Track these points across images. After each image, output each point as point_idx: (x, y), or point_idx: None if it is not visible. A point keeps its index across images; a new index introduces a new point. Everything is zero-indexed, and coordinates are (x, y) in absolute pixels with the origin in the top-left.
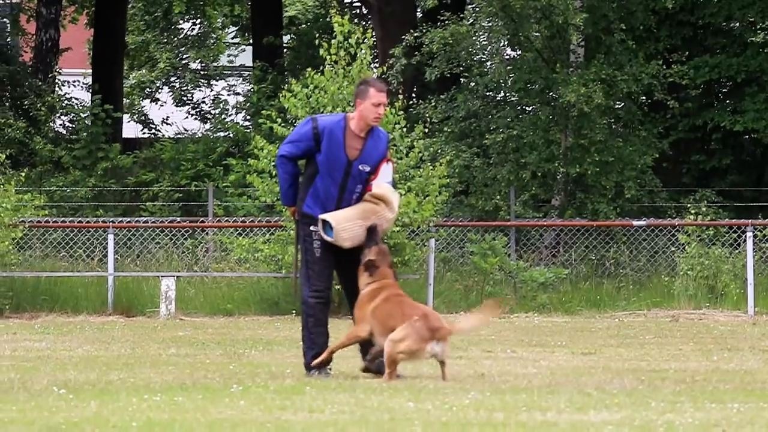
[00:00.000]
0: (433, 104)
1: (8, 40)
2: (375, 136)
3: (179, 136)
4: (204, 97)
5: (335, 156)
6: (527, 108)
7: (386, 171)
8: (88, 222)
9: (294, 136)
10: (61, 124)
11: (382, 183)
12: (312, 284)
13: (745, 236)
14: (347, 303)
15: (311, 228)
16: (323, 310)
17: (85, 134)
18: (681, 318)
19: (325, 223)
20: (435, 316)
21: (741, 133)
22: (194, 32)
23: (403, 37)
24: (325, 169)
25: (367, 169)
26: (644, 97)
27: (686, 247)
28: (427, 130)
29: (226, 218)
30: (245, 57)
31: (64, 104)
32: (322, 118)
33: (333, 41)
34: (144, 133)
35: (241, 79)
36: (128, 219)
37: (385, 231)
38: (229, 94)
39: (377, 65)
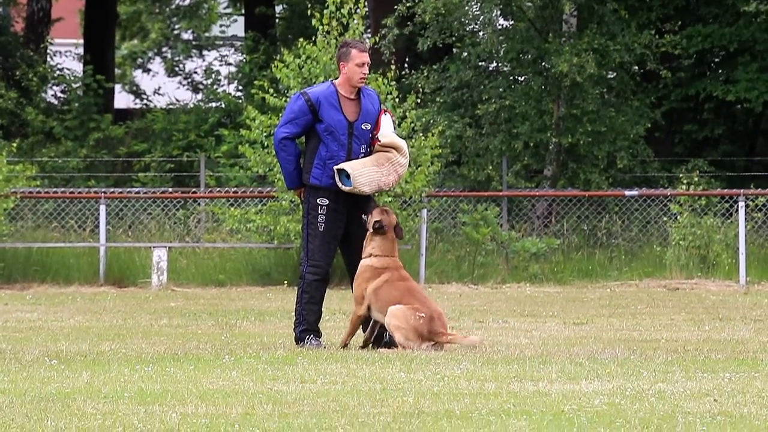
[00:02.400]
0: (426, 74)
1: None
2: (366, 94)
3: (171, 106)
4: (196, 68)
5: (336, 120)
6: (519, 78)
7: (386, 121)
8: (79, 192)
9: (290, 115)
10: (52, 95)
11: (387, 132)
12: (311, 259)
13: (737, 206)
14: (350, 279)
15: (318, 201)
16: (319, 288)
17: (76, 105)
18: (677, 288)
19: (341, 172)
20: (441, 322)
21: (733, 102)
22: (186, 2)
23: (396, 7)
24: (328, 135)
25: (369, 126)
26: (636, 67)
27: (678, 216)
28: (419, 101)
29: (218, 189)
30: (237, 27)
31: (55, 74)
32: (311, 89)
33: (325, 11)
34: (136, 104)
35: (233, 49)
36: (120, 189)
37: (401, 176)
38: (221, 65)
39: (369, 35)
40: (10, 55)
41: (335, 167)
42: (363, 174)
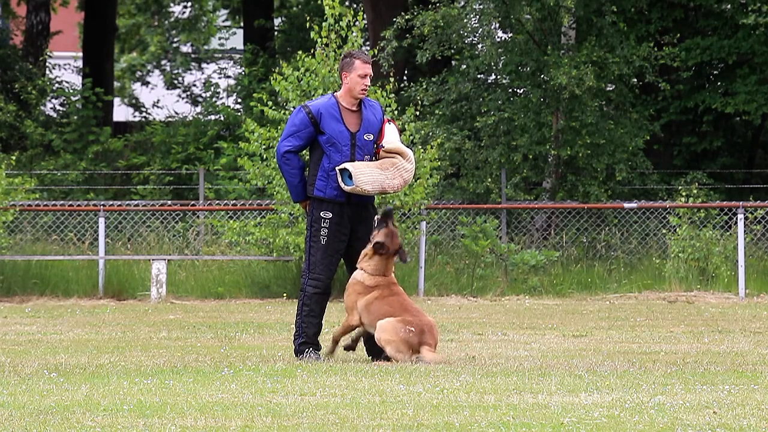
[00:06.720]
0: (424, 87)
1: None
2: (368, 105)
3: (170, 119)
4: (195, 81)
5: (338, 131)
6: (518, 90)
7: (391, 130)
8: (78, 205)
9: (291, 128)
10: (51, 108)
11: (391, 139)
12: (312, 272)
13: (736, 218)
14: None
15: (321, 214)
16: (319, 301)
17: (75, 117)
18: (676, 300)
19: (343, 172)
20: (432, 334)
21: (732, 115)
22: (185, 15)
23: (395, 19)
24: (330, 147)
25: (371, 137)
26: (635, 80)
27: (677, 229)
28: (418, 113)
29: (217, 201)
30: (236, 40)
31: (54, 87)
32: (312, 102)
33: (324, 24)
34: (135, 117)
35: (232, 62)
36: (119, 202)
37: (407, 181)
38: (220, 77)
39: (368, 48)
40: (9, 68)
41: (337, 167)
42: (365, 173)
